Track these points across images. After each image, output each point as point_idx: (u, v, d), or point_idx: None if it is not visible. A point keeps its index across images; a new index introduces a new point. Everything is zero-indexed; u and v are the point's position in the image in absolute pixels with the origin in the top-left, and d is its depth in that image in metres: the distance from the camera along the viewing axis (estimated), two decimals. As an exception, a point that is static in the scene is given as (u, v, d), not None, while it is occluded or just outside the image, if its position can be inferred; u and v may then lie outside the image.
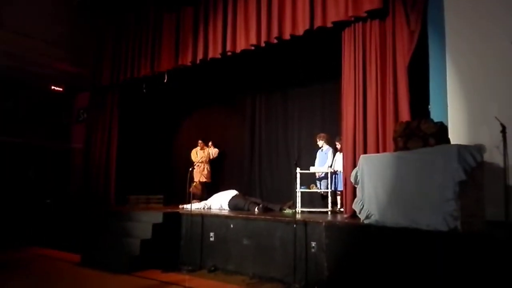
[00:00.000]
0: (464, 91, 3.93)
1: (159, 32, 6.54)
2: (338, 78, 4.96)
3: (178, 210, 5.51)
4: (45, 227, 6.51)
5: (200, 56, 5.99)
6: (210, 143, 7.45)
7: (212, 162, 7.44)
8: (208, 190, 6.92)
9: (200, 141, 7.36)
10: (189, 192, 5.09)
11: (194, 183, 6.80)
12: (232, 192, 6.06)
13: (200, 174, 7.22)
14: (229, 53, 5.71)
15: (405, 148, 3.67)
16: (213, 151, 7.37)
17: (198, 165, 7.25)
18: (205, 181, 7.18)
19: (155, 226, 5.09)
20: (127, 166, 7.33)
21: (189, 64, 6.15)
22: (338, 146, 5.67)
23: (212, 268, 4.64)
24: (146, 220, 5.32)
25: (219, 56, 5.82)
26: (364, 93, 4.61)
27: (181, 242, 5.10)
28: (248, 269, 4.43)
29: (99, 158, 7.23)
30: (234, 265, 4.58)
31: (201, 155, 7.37)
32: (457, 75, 3.98)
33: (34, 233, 6.51)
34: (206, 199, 6.31)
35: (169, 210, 5.56)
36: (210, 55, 5.90)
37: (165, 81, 6.45)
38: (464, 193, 3.09)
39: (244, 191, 6.59)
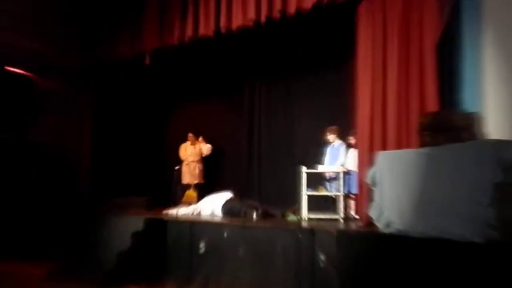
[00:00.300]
0: (504, 76, 3.86)
1: (141, 5, 6.49)
2: (353, 61, 4.92)
3: (162, 216, 5.52)
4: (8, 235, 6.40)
5: (189, 34, 5.92)
6: (200, 138, 7.39)
7: (205, 161, 7.43)
8: (200, 192, 6.93)
9: (190, 135, 7.27)
10: (177, 198, 4.96)
11: (187, 192, 6.74)
12: (226, 195, 6.06)
13: (189, 174, 7.14)
14: (223, 31, 5.65)
15: (432, 143, 3.64)
16: (205, 147, 7.28)
17: (187, 164, 7.15)
18: (196, 183, 7.14)
19: (136, 235, 5.11)
20: (105, 164, 7.34)
21: (176, 43, 6.10)
22: (352, 141, 5.63)
23: (202, 284, 4.66)
24: (125, 227, 5.32)
25: (212, 34, 5.76)
26: (383, 79, 4.59)
27: (166, 254, 5.10)
28: (245, 284, 4.44)
29: (70, 153, 7.20)
30: (228, 280, 4.58)
31: (191, 152, 7.26)
32: (496, 57, 3.91)
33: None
34: (196, 202, 6.34)
35: (152, 215, 5.59)
36: (201, 32, 5.79)
37: (147, 62, 6.42)
38: (503, 196, 3.03)
39: (241, 193, 6.58)
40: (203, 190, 6.93)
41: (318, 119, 6.60)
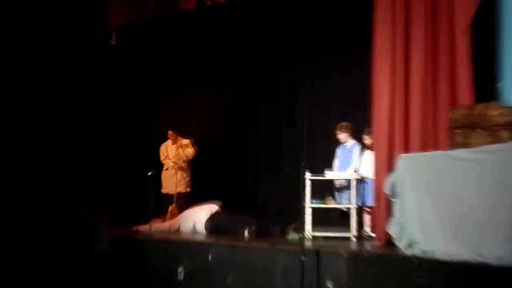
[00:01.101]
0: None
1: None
2: (368, 42, 4.90)
3: (131, 234, 5.57)
4: None
5: (165, 6, 5.99)
6: (181, 141, 7.27)
7: (191, 165, 7.35)
8: (184, 204, 6.86)
9: (170, 132, 7.21)
10: (151, 212, 4.94)
11: (171, 207, 6.68)
12: (212, 207, 6.01)
13: (169, 181, 7.07)
14: (208, 3, 5.69)
15: (466, 144, 3.70)
16: (186, 152, 7.20)
17: (167, 168, 7.14)
18: (178, 192, 7.06)
19: (99, 257, 5.20)
20: (48, 169, 7.24)
21: (150, 18, 6.15)
22: (368, 141, 5.61)
23: (181, 319, 4.75)
24: (86, 247, 5.37)
25: (194, 7, 5.80)
26: (405, 65, 4.61)
27: (136, 281, 5.07)
28: (235, 320, 4.50)
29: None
30: (213, 314, 4.66)
31: (173, 153, 7.21)
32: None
33: None
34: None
35: (117, 232, 5.61)
36: (182, 4, 5.86)
37: (113, 42, 6.46)
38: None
39: (230, 205, 6.53)
40: (186, 200, 6.92)
41: (328, 113, 6.54)
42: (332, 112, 6.58)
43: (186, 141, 7.24)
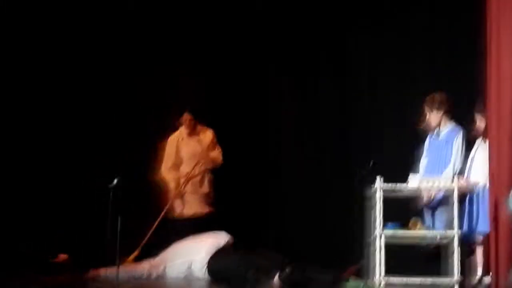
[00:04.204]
0: None
1: None
2: None
3: (88, 281, 5.61)
4: None
5: None
6: (202, 131, 7.04)
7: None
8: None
9: (186, 116, 6.92)
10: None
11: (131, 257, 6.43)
12: (219, 239, 5.92)
13: (192, 196, 6.79)
14: None
15: None
16: (214, 153, 6.91)
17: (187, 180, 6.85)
18: (196, 214, 6.76)
19: None
20: None
21: None
22: (480, 123, 5.39)
23: None
24: None
25: None
26: None
27: None
28: None
29: None
30: None
31: (191, 151, 7.00)
32: None
33: None
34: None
35: (70, 278, 5.80)
36: None
37: None
38: None
39: (247, 237, 6.48)
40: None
41: (408, 76, 6.53)
42: (414, 74, 6.44)
43: (207, 132, 7.04)
